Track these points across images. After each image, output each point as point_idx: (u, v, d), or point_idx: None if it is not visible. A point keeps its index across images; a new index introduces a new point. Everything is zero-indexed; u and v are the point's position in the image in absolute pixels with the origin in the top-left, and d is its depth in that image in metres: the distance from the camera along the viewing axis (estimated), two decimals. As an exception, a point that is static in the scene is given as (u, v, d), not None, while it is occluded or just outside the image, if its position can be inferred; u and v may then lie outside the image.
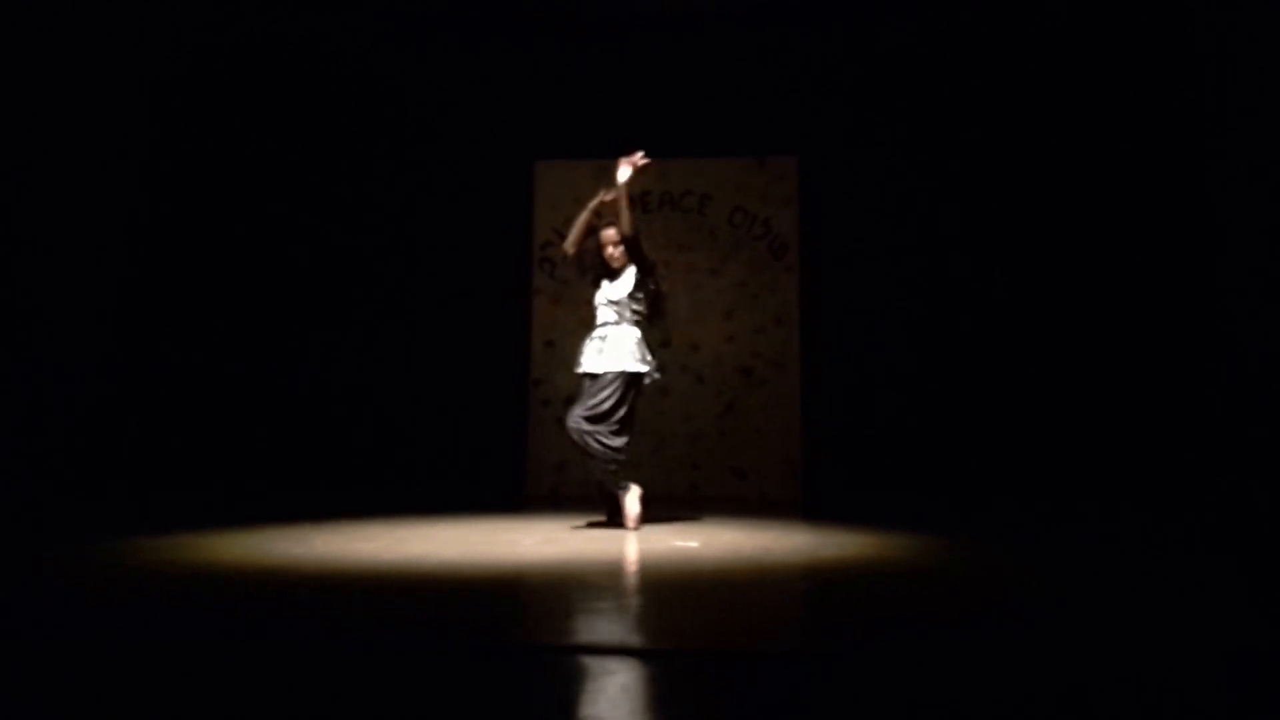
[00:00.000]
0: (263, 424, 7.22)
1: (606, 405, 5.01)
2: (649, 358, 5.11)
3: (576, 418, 5.03)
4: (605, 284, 5.21)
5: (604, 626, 2.91)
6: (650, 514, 5.34)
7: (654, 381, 5.17)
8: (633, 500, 5.06)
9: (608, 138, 7.22)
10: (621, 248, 5.16)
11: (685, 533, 4.91)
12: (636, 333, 5.10)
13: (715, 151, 7.24)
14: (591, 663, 2.46)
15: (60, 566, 3.76)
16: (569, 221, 7.18)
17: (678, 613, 3.17)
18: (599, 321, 5.16)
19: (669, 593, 3.47)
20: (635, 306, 5.13)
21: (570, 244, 5.21)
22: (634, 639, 2.75)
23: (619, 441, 5.03)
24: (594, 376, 5.07)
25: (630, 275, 5.16)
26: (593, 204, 5.21)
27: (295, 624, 2.90)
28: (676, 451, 6.97)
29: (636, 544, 4.58)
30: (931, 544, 4.55)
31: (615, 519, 5.14)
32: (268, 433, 7.21)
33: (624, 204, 5.05)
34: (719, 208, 7.16)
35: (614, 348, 5.05)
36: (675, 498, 6.77)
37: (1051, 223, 6.90)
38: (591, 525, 5.19)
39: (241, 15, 6.91)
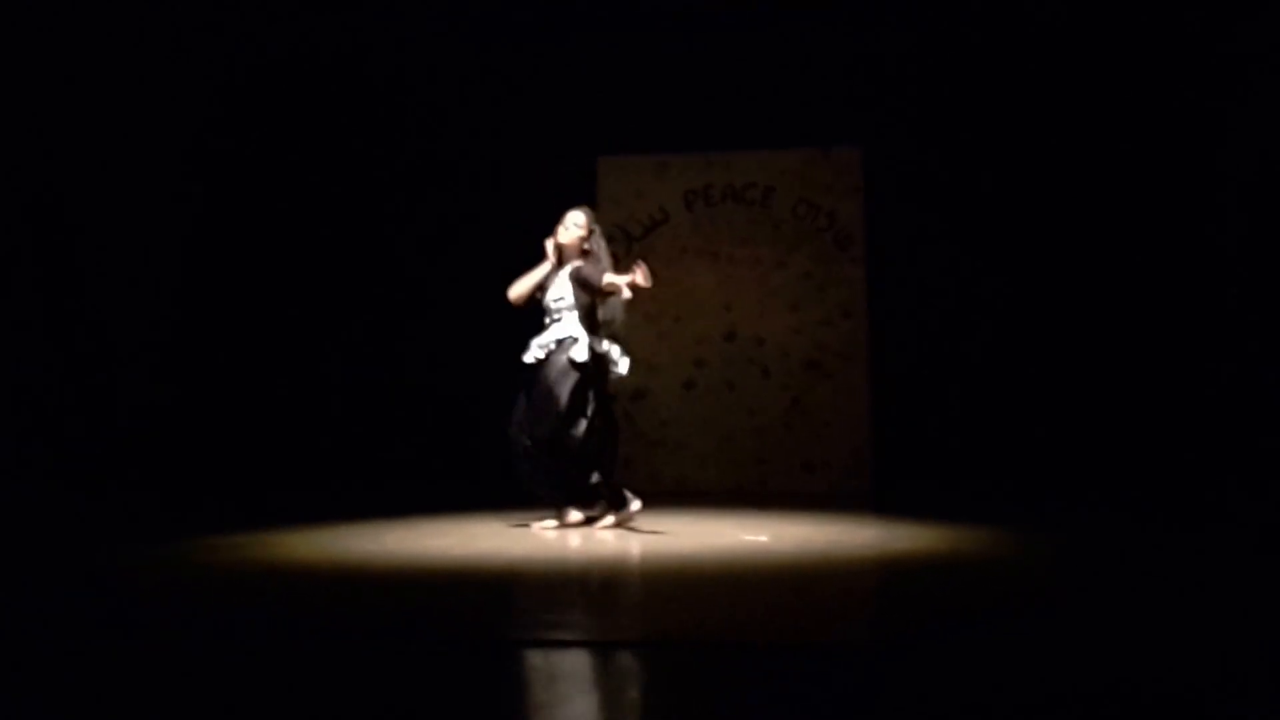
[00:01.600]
0: (331, 422, 7.34)
1: (566, 412, 4.67)
2: (601, 344, 4.80)
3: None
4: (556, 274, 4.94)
5: (675, 620, 2.91)
6: (716, 509, 5.31)
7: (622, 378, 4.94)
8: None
9: (670, 131, 7.22)
10: (584, 235, 4.93)
11: (754, 528, 4.88)
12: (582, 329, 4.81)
13: (778, 143, 7.17)
14: (664, 655, 2.47)
15: (138, 568, 3.86)
16: (632, 218, 7.22)
17: (747, 606, 3.16)
18: (552, 316, 4.86)
19: (740, 586, 3.45)
20: (580, 298, 4.84)
21: (517, 296, 4.97)
22: (705, 632, 2.75)
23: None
24: (548, 364, 4.76)
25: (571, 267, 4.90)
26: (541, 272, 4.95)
27: (372, 619, 2.95)
28: (744, 446, 6.93)
29: (706, 539, 4.57)
30: (1002, 536, 4.48)
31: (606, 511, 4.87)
32: (336, 431, 7.33)
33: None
34: (782, 200, 7.10)
35: (574, 339, 4.77)
36: (744, 492, 6.74)
37: (1123, 209, 6.71)
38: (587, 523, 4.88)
39: (295, 18, 7.00)
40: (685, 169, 7.22)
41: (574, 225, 4.98)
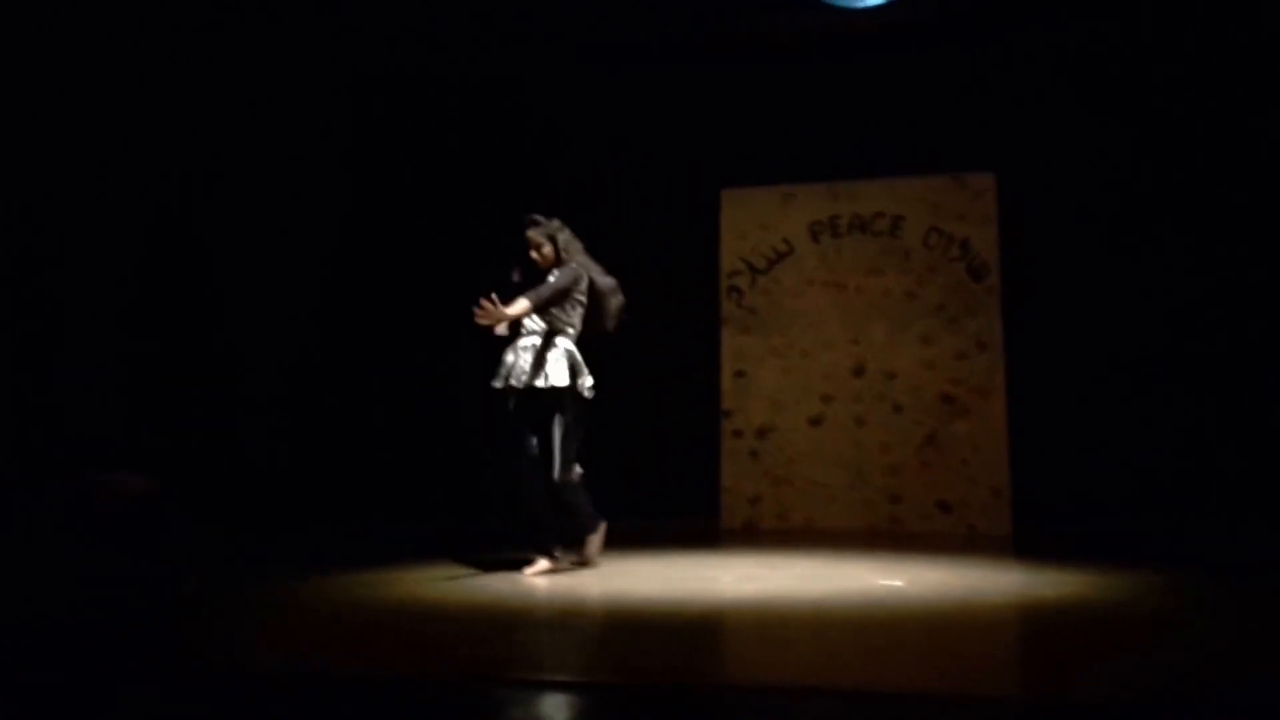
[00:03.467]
0: (455, 455, 7.41)
1: (558, 434, 4.59)
2: (582, 371, 4.70)
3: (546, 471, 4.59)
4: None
5: (809, 665, 2.79)
6: (847, 549, 5.12)
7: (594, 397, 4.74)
8: (596, 540, 4.72)
9: (794, 162, 7.12)
10: (548, 248, 4.80)
11: (888, 570, 4.69)
12: (567, 343, 4.70)
13: (907, 170, 6.98)
14: (799, 702, 2.37)
15: (279, 607, 3.91)
16: (755, 250, 7.13)
17: (884, 653, 3.01)
18: (525, 330, 4.73)
19: (875, 633, 3.31)
20: (562, 315, 4.73)
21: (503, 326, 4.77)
22: (841, 679, 2.62)
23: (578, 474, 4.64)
24: (530, 393, 4.63)
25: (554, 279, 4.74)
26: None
27: (511, 661, 2.91)
28: (875, 484, 6.71)
29: (839, 583, 4.41)
30: (1152, 582, 4.23)
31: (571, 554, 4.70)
32: (460, 465, 7.39)
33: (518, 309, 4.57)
34: (912, 229, 6.89)
35: (548, 361, 4.64)
36: (876, 533, 6.53)
37: (1273, 234, 6.31)
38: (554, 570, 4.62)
39: (423, 49, 7.17)
40: (810, 200, 7.08)
41: (534, 249, 4.86)
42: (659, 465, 7.05)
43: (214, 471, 6.53)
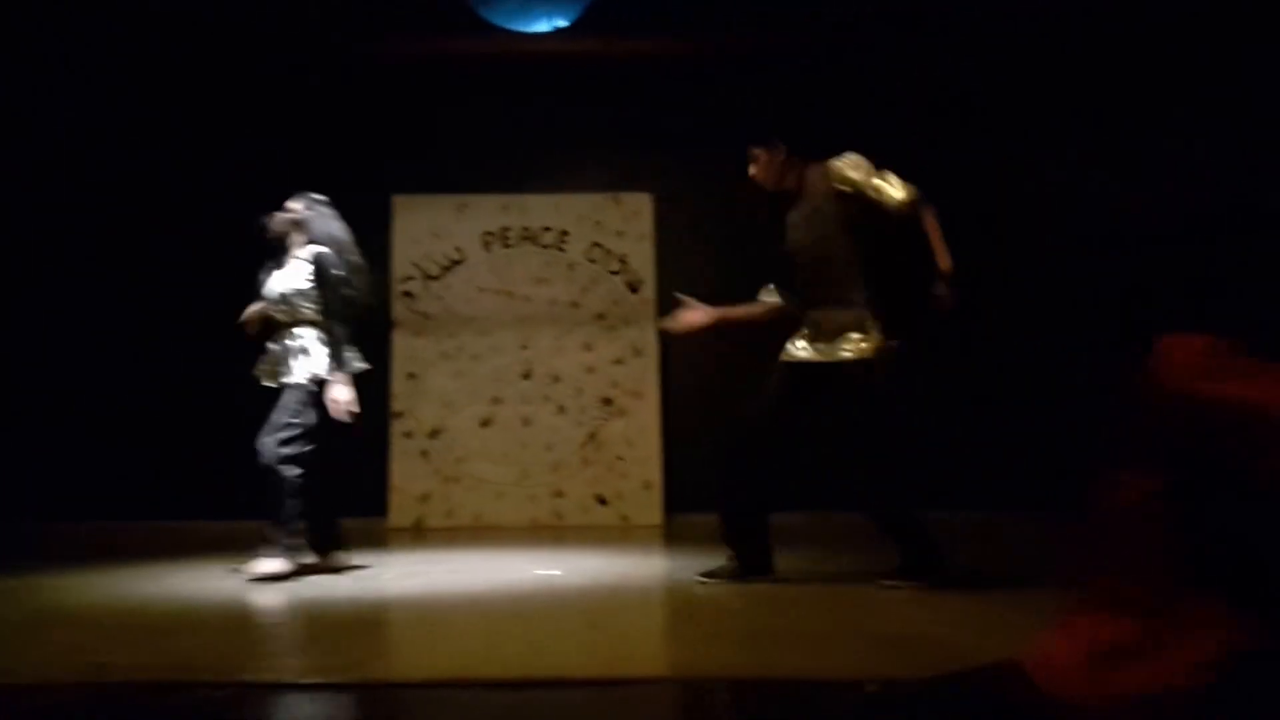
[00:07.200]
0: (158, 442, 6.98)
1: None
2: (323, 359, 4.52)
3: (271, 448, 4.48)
4: (276, 274, 4.63)
5: (469, 658, 2.96)
6: (510, 544, 5.34)
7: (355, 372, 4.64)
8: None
9: (465, 174, 7.32)
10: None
11: (548, 561, 4.99)
12: (313, 332, 4.58)
13: (574, 188, 7.39)
14: (456, 695, 2.50)
15: None
16: (428, 257, 7.26)
17: (541, 641, 3.24)
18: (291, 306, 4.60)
19: (532, 622, 3.53)
20: (307, 303, 4.58)
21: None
22: (499, 670, 2.80)
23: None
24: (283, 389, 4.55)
25: (299, 265, 4.60)
26: None
27: (175, 666, 2.87)
28: (540, 481, 7.07)
29: (497, 575, 4.63)
30: (797, 568, 4.71)
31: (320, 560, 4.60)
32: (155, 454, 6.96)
33: None
34: (577, 243, 7.33)
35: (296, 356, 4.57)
36: (540, 526, 6.88)
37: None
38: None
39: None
40: (483, 210, 7.34)
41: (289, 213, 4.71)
42: (329, 466, 6.97)
43: None
